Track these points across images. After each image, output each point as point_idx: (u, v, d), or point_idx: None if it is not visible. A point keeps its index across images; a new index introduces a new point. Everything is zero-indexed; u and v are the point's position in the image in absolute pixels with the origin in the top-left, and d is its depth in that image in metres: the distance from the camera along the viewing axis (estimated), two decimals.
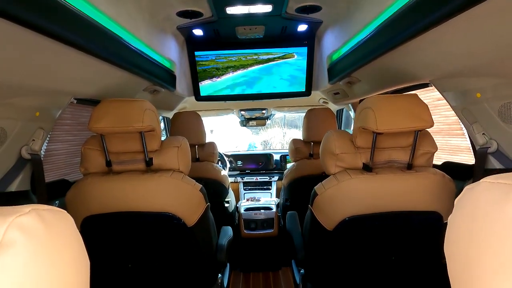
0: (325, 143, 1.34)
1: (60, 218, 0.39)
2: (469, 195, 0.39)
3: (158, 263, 1.35)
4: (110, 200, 1.21)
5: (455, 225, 0.41)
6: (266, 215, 2.50)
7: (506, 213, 0.33)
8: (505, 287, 0.32)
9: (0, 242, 0.31)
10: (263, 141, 9.30)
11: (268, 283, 2.43)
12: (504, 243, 0.32)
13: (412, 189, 1.17)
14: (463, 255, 0.38)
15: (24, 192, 1.22)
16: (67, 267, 0.38)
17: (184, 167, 1.33)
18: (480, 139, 1.18)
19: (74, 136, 1.66)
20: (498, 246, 0.33)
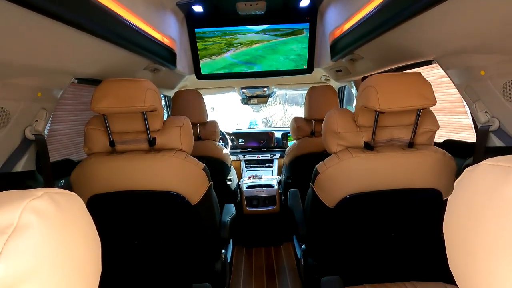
0: (327, 122, 1.34)
1: (71, 200, 0.41)
2: (469, 176, 0.40)
3: (163, 240, 1.39)
4: (114, 179, 1.23)
5: (455, 206, 0.42)
6: (268, 192, 2.54)
7: (505, 195, 0.34)
8: (502, 266, 0.33)
9: (16, 225, 0.33)
10: (264, 119, 9.28)
11: (270, 257, 2.50)
12: (502, 224, 0.33)
13: (412, 167, 1.19)
14: (461, 235, 0.39)
15: (30, 172, 1.24)
16: (80, 248, 0.40)
17: (187, 146, 1.34)
18: (482, 117, 1.18)
19: (76, 116, 1.66)
20: (496, 227, 0.34)
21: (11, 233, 0.32)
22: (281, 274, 2.25)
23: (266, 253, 2.57)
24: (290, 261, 2.43)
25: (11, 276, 0.31)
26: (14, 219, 0.33)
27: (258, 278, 2.21)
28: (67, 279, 0.37)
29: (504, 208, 0.33)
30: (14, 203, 0.34)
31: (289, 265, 2.36)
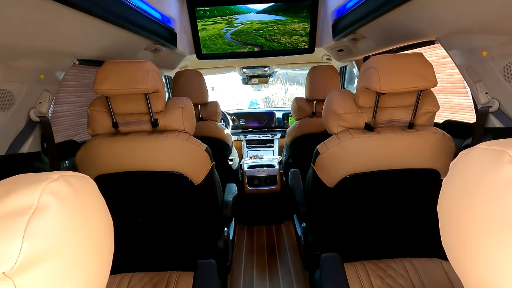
0: (328, 103, 1.35)
1: (84, 182, 0.43)
2: (464, 159, 0.42)
3: (167, 219, 1.43)
4: (118, 160, 1.25)
5: (449, 187, 0.44)
6: (269, 172, 2.57)
7: (496, 178, 0.36)
8: (490, 244, 0.36)
9: (36, 205, 0.35)
10: (265, 98, 9.23)
11: (271, 235, 2.57)
12: (492, 206, 0.35)
13: (412, 148, 1.21)
14: (454, 215, 0.42)
15: (36, 154, 1.26)
16: (95, 227, 0.42)
17: (189, 127, 1.35)
18: (483, 98, 1.18)
19: (78, 98, 1.67)
20: (486, 208, 0.36)
21: (32, 214, 0.34)
22: (281, 251, 2.32)
23: (267, 231, 2.63)
24: (291, 238, 2.49)
25: (34, 254, 0.33)
26: (34, 200, 0.35)
27: (260, 255, 2.28)
28: (84, 256, 0.39)
29: (494, 190, 0.35)
30: (33, 185, 0.36)
31: (290, 243, 2.43)
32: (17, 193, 0.35)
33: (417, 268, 1.18)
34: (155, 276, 1.19)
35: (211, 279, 1.07)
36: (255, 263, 2.18)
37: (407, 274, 1.17)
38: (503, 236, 0.34)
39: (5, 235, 0.32)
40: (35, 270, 0.33)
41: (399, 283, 1.14)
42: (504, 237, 0.34)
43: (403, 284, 1.13)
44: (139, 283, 1.17)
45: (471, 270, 0.39)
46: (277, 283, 1.94)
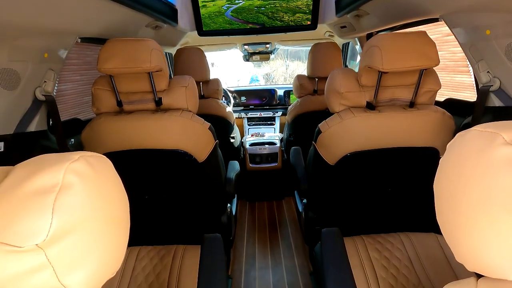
0: (330, 82, 1.35)
1: (102, 162, 0.45)
2: (459, 141, 0.45)
3: (172, 195, 1.47)
4: (123, 138, 1.28)
5: (445, 167, 0.46)
6: (270, 149, 2.60)
7: (489, 159, 0.38)
8: (481, 220, 0.39)
9: (61, 184, 0.38)
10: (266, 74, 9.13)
11: (272, 211, 2.63)
12: (484, 185, 0.38)
13: (412, 127, 1.23)
14: (448, 192, 0.44)
15: (43, 132, 1.28)
16: (114, 203, 0.45)
17: (192, 106, 1.37)
18: (484, 77, 1.19)
19: (81, 76, 1.67)
20: (479, 187, 0.39)
21: (58, 192, 0.37)
22: (282, 226, 2.39)
23: (268, 207, 2.70)
24: (291, 214, 2.56)
25: (62, 228, 0.36)
26: (58, 179, 0.38)
27: (261, 230, 2.35)
28: (105, 230, 0.43)
29: (487, 171, 0.38)
30: (56, 165, 0.39)
31: (290, 218, 2.49)
32: (43, 172, 0.38)
33: (413, 242, 1.23)
34: (162, 250, 1.25)
35: (217, 252, 1.12)
36: (257, 237, 2.25)
37: (404, 247, 1.22)
38: (494, 214, 0.37)
39: (37, 211, 0.35)
40: (63, 243, 0.37)
41: (395, 256, 1.19)
42: (494, 214, 0.37)
43: (399, 257, 1.18)
44: (146, 256, 1.22)
45: (463, 244, 0.42)
46: (278, 256, 2.02)
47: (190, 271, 1.12)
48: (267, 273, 1.86)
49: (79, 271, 0.39)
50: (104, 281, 0.43)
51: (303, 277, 1.81)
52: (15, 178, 0.39)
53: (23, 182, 0.37)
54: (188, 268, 1.14)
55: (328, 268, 1.03)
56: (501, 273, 0.38)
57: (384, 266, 1.16)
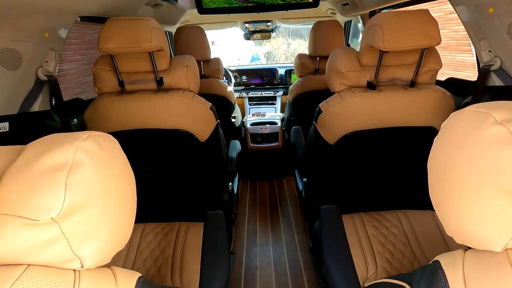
0: (331, 61, 1.35)
1: (109, 141, 0.47)
2: (453, 120, 0.46)
3: (175, 174, 1.50)
4: (126, 118, 1.29)
5: (439, 145, 0.48)
6: (271, 129, 2.62)
7: (480, 137, 0.40)
8: (469, 195, 0.41)
9: (72, 162, 0.40)
10: (267, 53, 9.00)
11: (273, 190, 2.68)
12: (475, 162, 0.40)
13: (412, 106, 1.23)
14: (441, 169, 0.46)
15: (46, 112, 1.29)
16: (121, 180, 0.47)
17: (194, 86, 1.37)
18: (485, 56, 1.19)
19: (82, 56, 1.67)
20: (468, 164, 0.41)
21: (69, 169, 0.39)
22: (283, 205, 2.43)
23: (269, 186, 2.74)
24: (292, 193, 2.60)
25: (75, 203, 0.39)
26: (69, 157, 0.40)
27: (262, 208, 2.40)
28: (115, 206, 0.45)
29: (477, 148, 0.40)
30: (66, 144, 0.41)
31: (291, 197, 2.54)
32: (54, 151, 0.40)
33: (410, 218, 1.26)
34: (166, 226, 1.29)
35: (220, 229, 1.16)
36: (258, 215, 2.30)
37: (400, 224, 1.26)
38: (482, 190, 0.39)
39: (50, 187, 0.37)
40: (76, 217, 0.39)
41: (392, 232, 1.23)
42: (483, 190, 0.39)
43: (396, 233, 1.22)
44: (151, 232, 1.27)
45: (453, 218, 0.45)
46: (279, 233, 2.07)
47: (193, 247, 1.16)
48: (268, 249, 1.92)
49: (91, 243, 0.41)
50: (114, 253, 0.46)
51: (303, 253, 1.87)
52: (28, 157, 0.41)
53: (36, 160, 0.39)
54: (191, 244, 1.18)
55: (326, 243, 1.07)
56: (487, 245, 0.41)
57: (381, 242, 1.20)
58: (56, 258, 0.40)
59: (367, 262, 1.12)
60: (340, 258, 1.02)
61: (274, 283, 1.65)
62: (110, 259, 0.46)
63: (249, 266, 1.78)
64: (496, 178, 0.38)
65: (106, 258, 0.45)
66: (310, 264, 1.75)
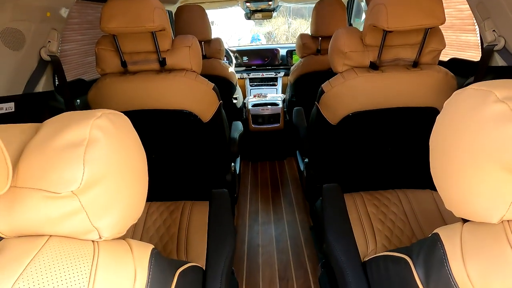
0: (334, 41, 1.35)
1: (121, 119, 0.49)
2: (456, 98, 0.47)
3: (178, 154, 1.52)
4: (129, 99, 1.30)
5: (441, 123, 0.50)
6: (273, 110, 2.62)
7: (481, 114, 0.41)
8: (470, 171, 0.43)
9: (88, 138, 0.41)
10: (267, 33, 8.87)
11: (274, 170, 2.71)
12: (475, 138, 0.42)
13: (415, 87, 1.24)
14: (442, 146, 0.48)
15: (50, 92, 1.30)
16: (134, 157, 0.49)
17: (196, 66, 1.37)
18: (489, 36, 1.18)
19: (83, 36, 1.65)
20: (470, 140, 0.42)
21: (86, 145, 0.41)
22: (284, 185, 2.47)
23: (270, 167, 2.77)
24: (293, 174, 2.64)
25: (93, 177, 0.40)
26: (85, 134, 0.41)
27: (264, 188, 2.44)
28: (129, 181, 0.47)
29: (478, 125, 0.41)
30: (82, 122, 0.42)
31: (292, 178, 2.57)
32: (71, 128, 0.42)
33: (410, 197, 1.29)
34: (171, 205, 1.32)
35: (225, 206, 1.19)
36: (259, 195, 2.34)
37: (400, 203, 1.29)
38: (482, 164, 0.41)
39: (70, 162, 0.39)
40: (94, 190, 0.41)
41: (392, 210, 1.26)
42: (482, 165, 0.41)
43: (395, 211, 1.25)
44: (156, 211, 1.30)
45: (453, 192, 0.47)
46: (280, 212, 2.11)
47: (198, 224, 1.20)
48: (269, 228, 1.96)
49: (108, 216, 0.44)
50: (129, 225, 0.49)
51: (304, 231, 1.91)
52: (46, 133, 0.42)
53: (55, 137, 0.41)
54: (196, 221, 1.21)
55: (328, 220, 1.10)
56: (485, 217, 0.43)
57: (380, 220, 1.23)
58: (76, 229, 0.42)
59: (366, 239, 1.15)
60: (341, 234, 1.05)
61: (276, 260, 1.70)
62: (125, 231, 0.49)
63: (251, 244, 1.83)
64: (495, 154, 0.39)
65: (122, 230, 0.47)
66: (311, 242, 1.80)
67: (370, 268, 0.80)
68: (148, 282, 0.48)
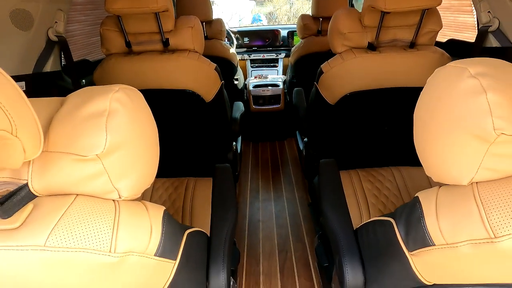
0: (333, 22, 1.37)
1: (136, 93, 0.54)
2: (437, 75, 0.53)
3: (182, 133, 1.58)
4: (134, 78, 1.34)
5: (423, 97, 0.55)
6: (273, 91, 2.66)
7: (456, 89, 0.47)
8: (446, 140, 0.48)
9: (109, 109, 0.47)
10: (268, 13, 8.74)
11: (274, 150, 2.77)
12: (450, 111, 0.47)
13: (411, 67, 1.28)
14: (423, 118, 0.54)
15: (57, 72, 1.34)
16: (148, 128, 0.55)
17: (199, 47, 1.40)
18: (484, 17, 1.21)
19: (87, 16, 1.68)
20: (446, 113, 0.48)
21: (107, 115, 0.46)
22: (284, 165, 2.54)
23: (271, 147, 2.83)
24: (293, 154, 2.70)
25: (114, 143, 0.46)
26: (106, 106, 0.47)
27: (264, 167, 2.50)
28: (144, 148, 0.53)
29: (452, 98, 0.47)
30: (102, 95, 0.48)
31: (292, 157, 2.64)
32: (93, 100, 0.47)
33: (403, 174, 1.35)
34: (175, 181, 1.38)
35: (228, 178, 1.25)
36: (260, 174, 2.41)
37: (394, 179, 1.35)
38: (455, 134, 0.47)
39: (94, 130, 0.45)
40: (115, 155, 0.47)
41: (386, 186, 1.33)
42: (456, 134, 0.47)
43: (389, 187, 1.32)
44: (162, 187, 1.36)
45: (431, 160, 0.53)
46: (280, 190, 2.19)
47: (202, 198, 1.27)
48: (269, 204, 2.04)
49: (126, 178, 0.50)
50: (144, 188, 0.55)
51: (303, 208, 1.99)
52: (71, 105, 0.48)
53: (79, 108, 0.47)
54: (200, 196, 1.28)
55: (323, 192, 1.16)
56: (457, 180, 0.49)
57: (375, 194, 1.30)
58: (99, 189, 0.48)
59: (361, 212, 1.22)
60: (336, 204, 1.11)
61: (275, 234, 1.78)
62: (141, 194, 0.55)
63: (252, 219, 1.91)
64: (467, 124, 0.45)
65: (138, 192, 0.53)
66: (309, 218, 1.88)
67: (361, 233, 0.87)
68: (162, 237, 0.55)
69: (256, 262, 1.60)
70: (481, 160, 0.45)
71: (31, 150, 0.42)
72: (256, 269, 1.56)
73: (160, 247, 0.54)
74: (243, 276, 1.54)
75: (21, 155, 0.40)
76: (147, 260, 0.52)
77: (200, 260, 0.81)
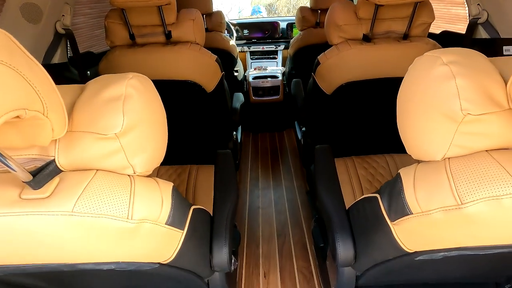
0: (330, 15, 1.42)
1: (147, 81, 0.60)
2: (416, 64, 0.59)
3: (185, 122, 1.64)
4: (138, 69, 1.39)
5: (404, 84, 0.61)
6: (273, 83, 2.71)
7: (430, 76, 0.53)
8: (422, 121, 0.55)
9: (125, 94, 0.53)
10: (268, 5, 8.72)
11: (274, 141, 2.83)
12: (425, 94, 0.53)
13: (405, 58, 1.33)
14: (404, 103, 0.60)
15: (64, 64, 1.40)
16: (158, 113, 0.61)
17: (200, 39, 1.46)
18: (474, 9, 1.26)
19: (91, 9, 1.72)
20: (421, 96, 0.54)
21: (124, 99, 0.52)
22: (283, 154, 2.60)
23: (270, 138, 2.89)
24: (292, 144, 2.76)
25: (129, 124, 0.53)
26: (122, 91, 0.53)
27: (264, 157, 2.57)
28: (155, 130, 0.59)
29: (426, 83, 0.53)
30: (119, 82, 0.54)
31: (291, 147, 2.70)
32: (110, 86, 0.53)
33: (396, 161, 1.42)
34: (178, 168, 1.44)
35: (229, 163, 1.32)
36: (259, 163, 2.48)
37: (387, 166, 1.41)
38: (429, 115, 0.53)
39: (113, 112, 0.51)
40: (130, 135, 0.53)
41: (379, 172, 1.39)
42: (430, 115, 0.53)
43: (382, 173, 1.38)
44: (165, 173, 1.43)
45: (411, 139, 0.59)
46: (279, 178, 2.26)
47: (204, 183, 1.33)
48: (269, 192, 2.11)
49: (140, 155, 0.56)
50: (155, 165, 0.61)
51: (301, 195, 2.06)
52: (91, 91, 0.54)
53: (99, 93, 0.53)
54: (202, 181, 1.35)
55: (319, 175, 1.22)
56: (432, 156, 0.55)
57: (369, 180, 1.36)
58: (116, 165, 0.54)
59: (355, 196, 1.29)
60: (330, 186, 1.18)
61: (274, 219, 1.85)
62: (152, 171, 0.61)
63: (252, 206, 1.98)
64: (439, 105, 0.51)
65: (150, 168, 0.60)
66: (307, 205, 1.95)
67: (352, 212, 0.93)
68: (172, 208, 0.62)
69: (256, 245, 1.68)
70: (452, 138, 0.52)
71: (58, 130, 0.48)
72: (256, 251, 1.64)
73: (170, 217, 0.61)
74: (243, 258, 1.61)
75: (50, 134, 0.47)
76: (159, 228, 0.59)
77: (204, 234, 0.88)
